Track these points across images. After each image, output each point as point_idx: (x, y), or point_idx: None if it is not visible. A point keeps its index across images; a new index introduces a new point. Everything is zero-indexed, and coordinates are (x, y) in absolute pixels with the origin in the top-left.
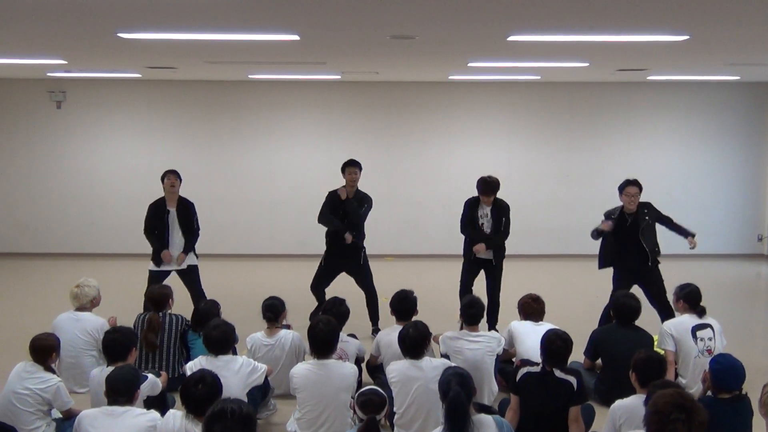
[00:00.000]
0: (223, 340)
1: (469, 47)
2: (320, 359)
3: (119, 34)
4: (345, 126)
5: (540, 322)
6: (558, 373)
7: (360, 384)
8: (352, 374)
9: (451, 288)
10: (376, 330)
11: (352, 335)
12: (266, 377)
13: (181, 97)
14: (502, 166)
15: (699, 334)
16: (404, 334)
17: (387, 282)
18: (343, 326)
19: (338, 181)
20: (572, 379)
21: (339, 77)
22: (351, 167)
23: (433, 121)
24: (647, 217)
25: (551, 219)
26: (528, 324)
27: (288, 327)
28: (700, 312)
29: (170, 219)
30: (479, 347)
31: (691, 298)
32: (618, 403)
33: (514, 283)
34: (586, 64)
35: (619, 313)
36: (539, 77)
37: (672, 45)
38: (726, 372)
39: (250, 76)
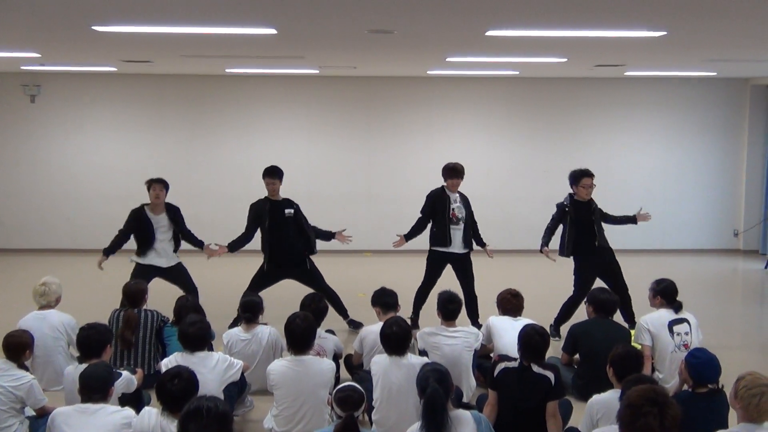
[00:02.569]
0: (199, 337)
1: (447, 42)
2: (297, 355)
3: (94, 27)
4: (323, 121)
5: (518, 318)
6: (536, 368)
7: (338, 380)
8: (329, 370)
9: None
10: (351, 322)
11: (330, 331)
12: (243, 373)
13: (158, 92)
14: (481, 161)
15: (675, 328)
16: (387, 332)
17: (365, 278)
18: (320, 322)
19: (317, 176)
20: (550, 374)
21: (317, 72)
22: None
23: (412, 117)
24: (594, 209)
25: (530, 215)
26: (506, 319)
27: (264, 323)
28: (677, 307)
29: (156, 225)
30: (457, 343)
31: (667, 293)
32: (595, 397)
33: (494, 279)
34: (564, 60)
35: (597, 307)
36: (518, 72)
37: (649, 41)
38: (702, 366)
39: (227, 70)
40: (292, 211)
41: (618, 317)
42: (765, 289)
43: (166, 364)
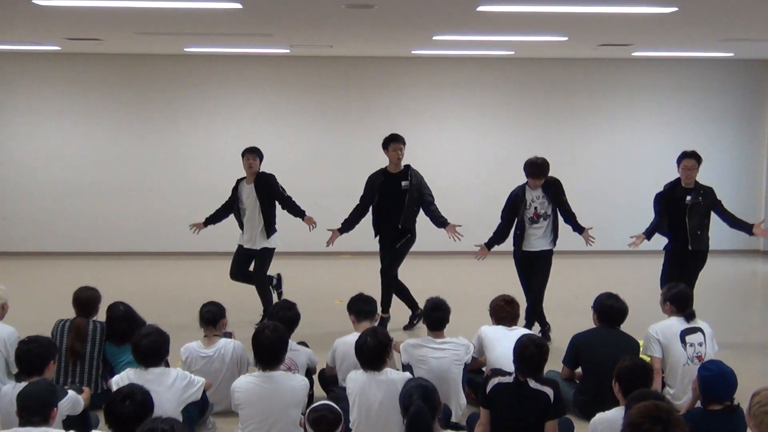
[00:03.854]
0: (155, 351)
1: (434, 18)
2: (266, 371)
3: (35, 1)
4: (295, 106)
5: (513, 327)
6: (533, 383)
7: (311, 399)
8: (302, 387)
9: (418, 289)
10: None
11: (303, 343)
12: (204, 392)
13: (108, 73)
14: (472, 150)
15: (688, 339)
16: (362, 343)
17: (343, 283)
18: (292, 333)
19: (288, 167)
20: (549, 390)
21: (288, 51)
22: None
23: (395, 101)
24: (701, 198)
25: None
26: (499, 329)
27: (229, 335)
28: (689, 315)
29: (244, 195)
30: (445, 355)
31: (678, 299)
32: (599, 416)
33: (486, 283)
34: (565, 39)
35: (602, 315)
36: (513, 53)
37: (658, 17)
38: (716, 380)
39: (186, 50)
40: (407, 183)
41: (630, 327)
42: None
43: (117, 381)
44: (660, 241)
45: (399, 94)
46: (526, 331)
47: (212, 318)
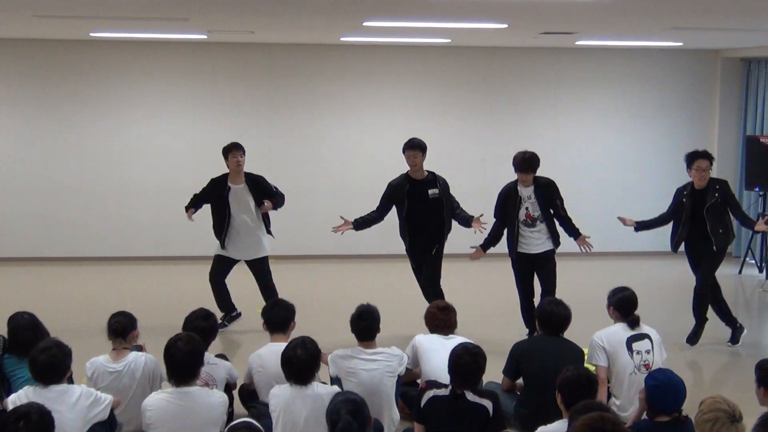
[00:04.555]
0: (54, 366)
1: (364, 3)
2: (180, 386)
3: None
4: (214, 97)
5: (450, 336)
6: (470, 396)
7: (231, 416)
8: (221, 404)
9: (348, 295)
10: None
11: (222, 356)
12: (112, 411)
13: (5, 59)
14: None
15: (635, 346)
16: (290, 355)
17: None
18: (209, 344)
19: (206, 164)
20: (487, 403)
21: (205, 37)
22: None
23: (323, 92)
24: (717, 195)
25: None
26: (435, 338)
27: (139, 348)
28: (632, 322)
29: (231, 196)
30: (377, 367)
31: (623, 305)
32: (541, 429)
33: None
34: (505, 26)
35: (544, 322)
36: (449, 40)
37: (602, 4)
38: (663, 390)
39: (92, 35)
40: (436, 191)
41: (573, 332)
42: (739, 297)
43: (14, 401)
44: (633, 241)
45: (327, 84)
46: (464, 339)
47: (122, 329)
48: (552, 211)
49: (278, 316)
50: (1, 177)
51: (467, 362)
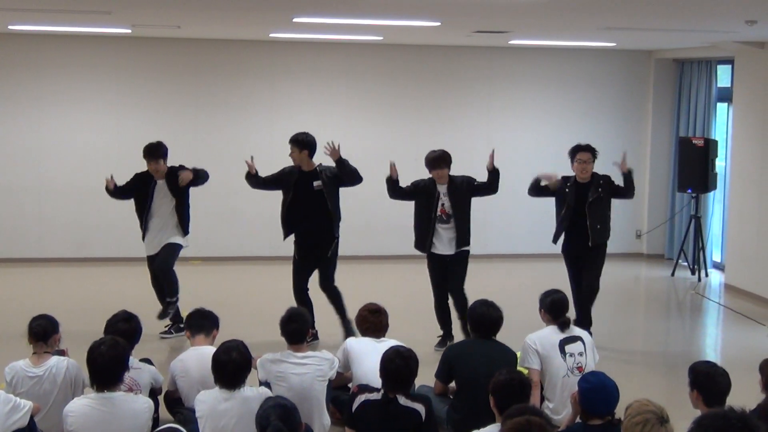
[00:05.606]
0: None
1: None
2: (103, 392)
3: None
4: (137, 94)
5: (382, 339)
6: (402, 400)
7: (157, 422)
8: (145, 410)
9: (276, 296)
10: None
11: (146, 360)
12: (32, 417)
13: None
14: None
15: (568, 348)
16: (225, 359)
17: (189, 292)
18: (133, 347)
19: (128, 162)
20: (420, 407)
21: (129, 31)
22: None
23: (250, 89)
24: (600, 190)
25: (395, 214)
26: (367, 341)
27: (61, 353)
28: (562, 324)
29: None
30: (307, 371)
31: (555, 307)
32: None
33: (353, 291)
34: (437, 24)
35: (476, 324)
36: (381, 38)
37: (534, 3)
38: (596, 392)
39: (10, 27)
40: (320, 183)
41: (505, 335)
42: (671, 299)
43: None
44: None
45: (256, 81)
46: (396, 342)
47: (42, 333)
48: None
49: (201, 321)
50: None
51: (399, 366)
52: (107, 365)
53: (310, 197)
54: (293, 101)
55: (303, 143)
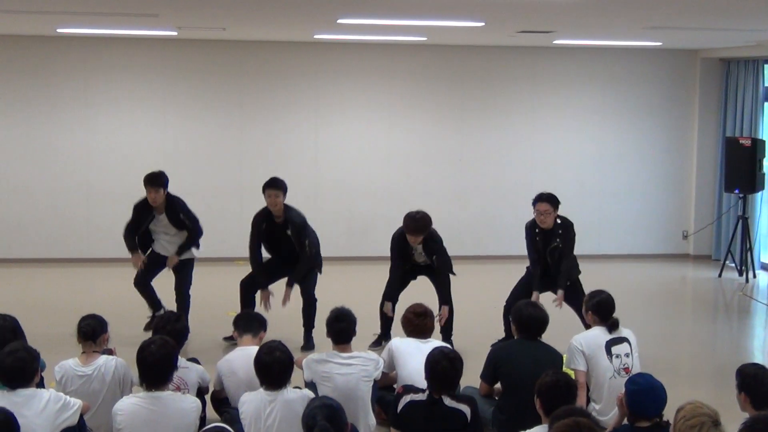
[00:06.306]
0: (20, 369)
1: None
2: (152, 391)
3: None
4: (183, 96)
5: (428, 340)
6: (448, 401)
7: (204, 421)
8: (193, 409)
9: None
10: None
11: (194, 360)
12: (81, 416)
13: None
14: (379, 146)
15: (614, 350)
16: (268, 359)
17: (230, 292)
18: (181, 347)
19: (175, 164)
20: (465, 408)
21: (175, 34)
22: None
23: (295, 91)
24: (558, 240)
25: (440, 213)
26: (411, 342)
27: (109, 352)
28: (611, 325)
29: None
30: (353, 371)
31: (601, 308)
32: None
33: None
34: (481, 24)
35: (522, 326)
36: (425, 38)
37: (579, 3)
38: (644, 394)
39: (59, 30)
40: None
41: (551, 336)
42: (718, 301)
43: None
44: (609, 245)
45: (300, 82)
46: (440, 343)
47: (91, 332)
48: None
49: (250, 322)
50: None
51: (444, 367)
52: (157, 364)
53: (283, 241)
54: (337, 102)
55: (285, 188)
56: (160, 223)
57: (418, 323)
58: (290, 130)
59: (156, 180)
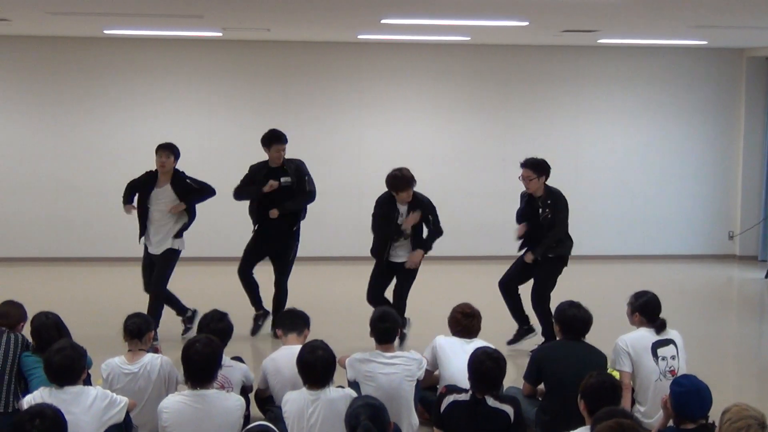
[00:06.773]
0: (68, 367)
1: (382, 0)
2: (197, 389)
3: None
4: (228, 95)
5: (472, 340)
6: (491, 401)
7: (248, 419)
8: (237, 408)
9: (355, 298)
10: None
11: (238, 358)
12: (128, 413)
13: (18, 56)
14: (423, 148)
15: (660, 351)
16: (311, 358)
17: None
18: (225, 346)
19: (217, 163)
20: (508, 409)
21: (220, 35)
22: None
23: (339, 91)
24: (547, 210)
25: (484, 214)
26: (456, 341)
27: (155, 350)
28: (659, 326)
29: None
30: (396, 371)
31: (648, 309)
32: None
33: (440, 292)
34: (526, 24)
35: (566, 326)
36: (469, 38)
37: (624, 1)
38: (689, 396)
39: (106, 32)
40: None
41: (594, 337)
42: (765, 302)
43: (29, 401)
44: (652, 245)
45: (343, 82)
46: (484, 343)
47: (137, 330)
48: (424, 226)
49: (294, 320)
50: (12, 175)
51: (489, 368)
52: (202, 363)
53: (277, 192)
54: (380, 102)
55: (285, 140)
56: (160, 197)
57: (466, 324)
58: (333, 131)
59: (169, 146)
